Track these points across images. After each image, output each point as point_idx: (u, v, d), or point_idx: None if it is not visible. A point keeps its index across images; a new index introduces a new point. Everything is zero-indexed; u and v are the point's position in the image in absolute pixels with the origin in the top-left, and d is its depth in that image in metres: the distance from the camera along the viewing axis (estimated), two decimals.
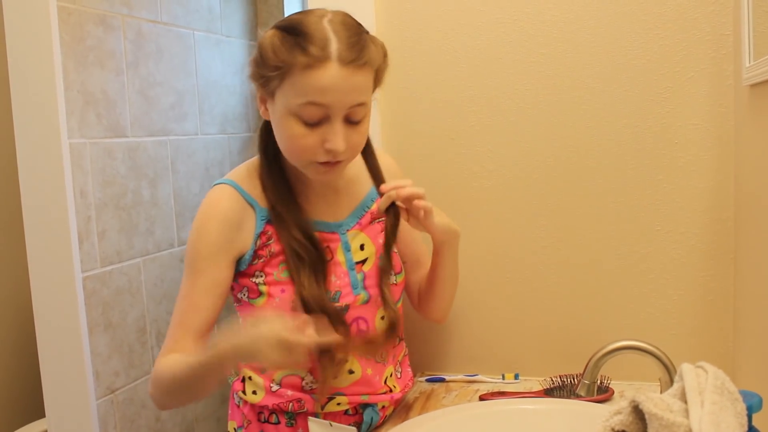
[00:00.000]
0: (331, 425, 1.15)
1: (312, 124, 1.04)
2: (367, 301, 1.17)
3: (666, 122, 1.36)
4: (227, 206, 1.12)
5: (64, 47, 1.58)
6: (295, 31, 1.02)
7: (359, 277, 1.17)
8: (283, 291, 1.12)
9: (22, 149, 1.59)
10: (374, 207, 1.23)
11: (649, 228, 1.39)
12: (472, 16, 1.45)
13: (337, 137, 1.04)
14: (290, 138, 1.06)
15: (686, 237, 1.38)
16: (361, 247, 1.19)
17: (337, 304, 1.13)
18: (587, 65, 1.40)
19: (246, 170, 1.17)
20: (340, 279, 1.15)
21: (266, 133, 1.16)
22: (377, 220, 1.23)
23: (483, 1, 1.44)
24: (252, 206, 1.14)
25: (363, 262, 1.18)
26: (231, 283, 1.15)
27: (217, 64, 2.21)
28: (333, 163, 1.08)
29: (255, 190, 1.14)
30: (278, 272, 1.13)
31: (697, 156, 1.36)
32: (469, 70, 1.47)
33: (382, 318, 1.19)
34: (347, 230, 1.19)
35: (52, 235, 1.60)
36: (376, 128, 1.49)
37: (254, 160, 1.19)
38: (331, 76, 1.00)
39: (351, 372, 1.17)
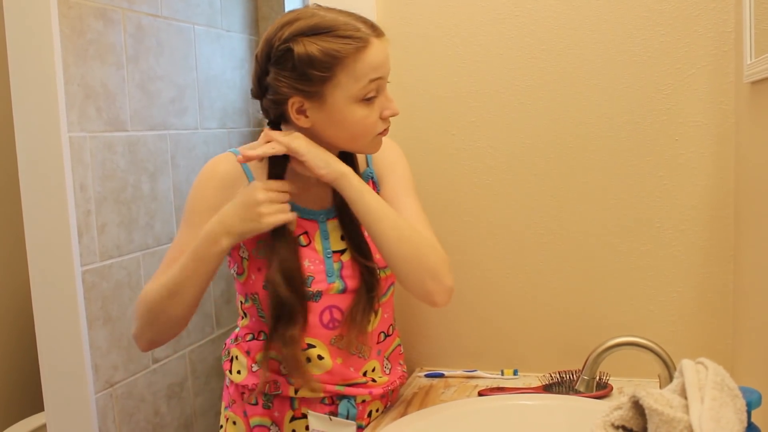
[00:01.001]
0: (330, 419, 1.15)
1: (370, 102, 1.12)
2: (342, 291, 1.19)
3: (666, 119, 1.36)
4: (224, 169, 1.21)
5: (65, 41, 1.58)
6: (324, 30, 1.09)
7: (336, 266, 1.19)
8: (259, 270, 1.18)
9: (21, 143, 1.59)
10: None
11: (648, 225, 1.40)
12: (472, 12, 1.45)
13: (393, 102, 1.16)
14: (357, 123, 1.13)
15: (686, 234, 1.38)
16: (342, 238, 1.21)
17: (308, 289, 1.16)
18: (588, 61, 1.40)
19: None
20: (314, 265, 1.18)
21: (272, 126, 1.22)
22: None
23: None
24: (247, 176, 1.20)
25: (342, 251, 1.20)
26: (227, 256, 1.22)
27: (218, 59, 2.21)
28: (387, 129, 1.18)
29: (253, 164, 1.21)
30: (256, 250, 1.19)
31: (698, 153, 1.36)
32: (469, 66, 1.47)
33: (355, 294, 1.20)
34: (328, 219, 1.21)
35: (51, 229, 1.59)
36: None
37: None
38: (379, 51, 1.11)
39: (321, 358, 1.19)
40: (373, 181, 1.27)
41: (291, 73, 1.09)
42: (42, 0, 1.53)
